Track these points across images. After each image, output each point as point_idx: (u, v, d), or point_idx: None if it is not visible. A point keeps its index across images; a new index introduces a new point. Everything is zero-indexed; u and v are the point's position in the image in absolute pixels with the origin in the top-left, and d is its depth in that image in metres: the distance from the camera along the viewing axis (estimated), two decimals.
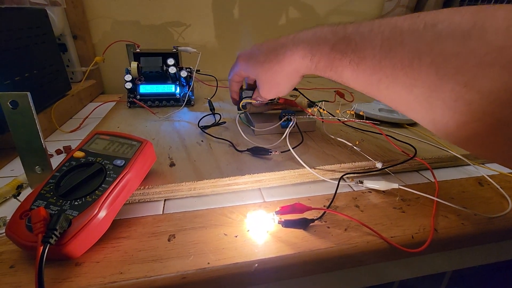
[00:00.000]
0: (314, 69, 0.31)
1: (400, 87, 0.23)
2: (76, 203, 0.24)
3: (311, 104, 0.50)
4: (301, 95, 0.55)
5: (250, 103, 0.46)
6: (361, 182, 0.35)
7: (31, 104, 0.27)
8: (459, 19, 0.20)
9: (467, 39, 0.19)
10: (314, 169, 0.35)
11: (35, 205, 0.24)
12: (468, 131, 0.21)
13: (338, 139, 0.42)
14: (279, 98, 0.48)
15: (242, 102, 0.46)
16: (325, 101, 0.62)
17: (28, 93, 0.26)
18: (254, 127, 0.45)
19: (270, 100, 0.48)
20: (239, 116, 0.49)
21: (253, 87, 0.45)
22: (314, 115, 0.46)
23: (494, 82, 0.18)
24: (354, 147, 0.39)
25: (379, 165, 0.36)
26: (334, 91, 0.66)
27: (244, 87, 0.48)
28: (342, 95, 0.65)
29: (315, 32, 0.30)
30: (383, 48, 0.24)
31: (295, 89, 0.50)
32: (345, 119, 0.48)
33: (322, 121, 0.46)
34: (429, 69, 0.21)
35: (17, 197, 0.31)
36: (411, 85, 0.22)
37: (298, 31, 0.33)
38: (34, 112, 0.27)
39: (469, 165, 0.40)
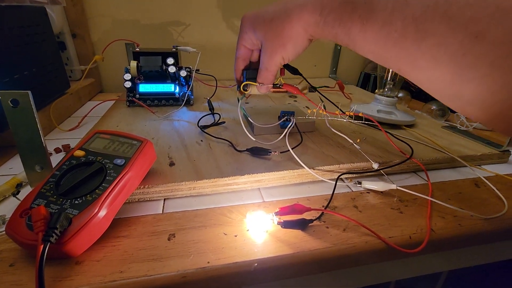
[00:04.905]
0: (322, 25, 0.29)
1: (408, 42, 0.22)
2: (76, 202, 0.25)
3: (312, 89, 0.49)
4: (304, 80, 0.55)
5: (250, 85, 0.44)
6: (360, 183, 0.35)
7: (32, 103, 0.27)
8: None
9: None
10: (313, 169, 0.36)
11: (35, 204, 0.24)
12: (473, 88, 0.20)
13: (340, 134, 0.41)
14: (282, 84, 0.47)
15: (243, 84, 0.44)
16: (325, 86, 0.63)
17: (29, 92, 0.26)
18: (253, 126, 0.45)
19: (274, 84, 0.46)
20: (240, 106, 0.46)
21: (256, 68, 0.40)
22: (313, 116, 0.46)
23: (508, 32, 0.17)
24: (354, 145, 0.39)
25: (375, 165, 0.36)
26: (336, 80, 0.68)
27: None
28: (342, 87, 0.66)
29: None
30: None
31: (298, 73, 0.49)
32: (346, 114, 0.48)
33: (325, 113, 0.44)
34: (441, 20, 0.20)
35: (16, 196, 0.31)
36: (420, 39, 0.21)
37: None
38: (35, 110, 0.27)
39: (466, 166, 0.41)
